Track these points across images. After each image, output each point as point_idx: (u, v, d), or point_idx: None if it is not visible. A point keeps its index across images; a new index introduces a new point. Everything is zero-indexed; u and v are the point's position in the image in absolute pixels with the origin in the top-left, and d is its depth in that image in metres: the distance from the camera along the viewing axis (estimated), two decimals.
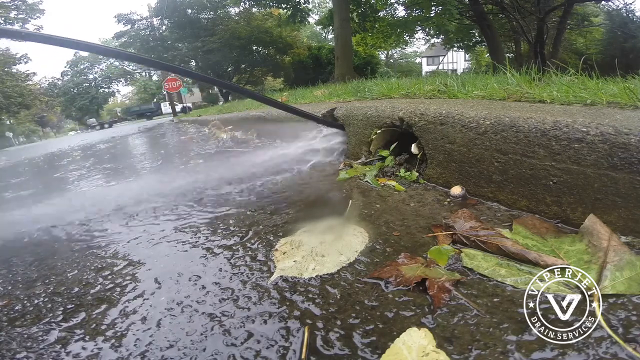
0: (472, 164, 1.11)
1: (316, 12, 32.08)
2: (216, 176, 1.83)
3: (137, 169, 2.74)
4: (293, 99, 4.10)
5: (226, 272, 0.85)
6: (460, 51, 25.49)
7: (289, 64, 19.80)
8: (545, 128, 0.89)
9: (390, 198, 1.23)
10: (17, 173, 3.88)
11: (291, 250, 0.91)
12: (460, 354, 0.53)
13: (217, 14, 19.38)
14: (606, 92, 1.14)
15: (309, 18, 14.70)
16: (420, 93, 2.01)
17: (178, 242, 1.06)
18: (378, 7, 14.42)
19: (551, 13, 11.64)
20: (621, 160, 0.76)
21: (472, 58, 26.50)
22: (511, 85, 1.58)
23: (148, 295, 0.79)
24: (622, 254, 0.68)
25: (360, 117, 1.75)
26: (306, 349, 0.57)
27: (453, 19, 14.55)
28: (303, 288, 0.74)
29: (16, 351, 0.66)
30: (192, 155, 2.89)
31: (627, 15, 16.87)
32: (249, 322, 0.66)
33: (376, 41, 16.94)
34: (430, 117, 1.27)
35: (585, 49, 17.52)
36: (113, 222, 1.35)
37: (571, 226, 0.86)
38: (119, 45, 21.17)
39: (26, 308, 0.80)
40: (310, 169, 1.81)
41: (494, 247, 0.77)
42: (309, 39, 32.20)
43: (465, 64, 32.54)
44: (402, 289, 0.69)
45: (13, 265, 1.07)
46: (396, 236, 0.92)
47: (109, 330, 0.68)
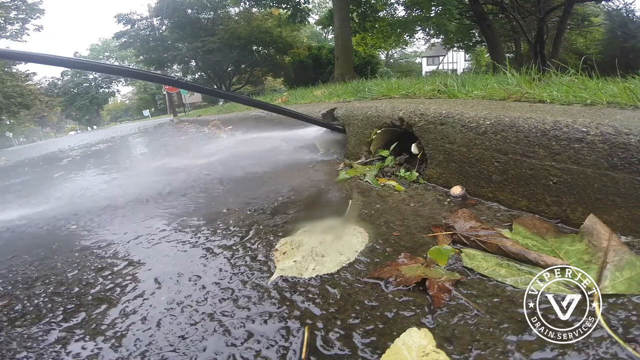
0: (472, 164, 1.11)
1: (316, 12, 32.12)
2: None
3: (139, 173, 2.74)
4: (293, 99, 4.10)
5: (226, 272, 0.85)
6: (460, 51, 25.49)
7: (289, 64, 19.79)
8: (545, 128, 0.89)
9: (390, 198, 1.23)
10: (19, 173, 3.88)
11: (291, 250, 0.91)
12: (460, 354, 0.53)
13: (217, 14, 19.36)
14: (606, 92, 1.14)
15: (309, 18, 14.68)
16: (420, 93, 2.01)
17: (178, 242, 1.06)
18: (378, 7, 14.42)
19: (551, 13, 11.65)
20: (621, 160, 0.76)
21: (472, 58, 26.51)
22: (511, 85, 1.58)
23: (148, 295, 0.79)
24: (622, 254, 0.68)
25: (360, 117, 1.75)
26: (306, 349, 0.57)
27: (453, 19, 14.55)
28: (303, 288, 0.74)
29: (16, 351, 0.66)
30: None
31: (627, 15, 16.87)
32: (249, 322, 0.66)
33: (376, 41, 16.94)
34: (430, 117, 1.27)
35: (585, 49, 17.53)
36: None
37: (571, 226, 0.86)
38: (119, 45, 21.17)
39: (26, 308, 0.80)
40: (310, 170, 1.81)
41: (494, 247, 0.77)
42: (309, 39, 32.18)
43: (465, 64, 32.53)
44: (402, 289, 0.69)
45: (13, 265, 1.07)
46: (396, 236, 0.92)
47: (109, 330, 0.68)
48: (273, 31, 18.63)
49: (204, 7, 18.97)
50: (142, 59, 19.55)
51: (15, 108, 25.81)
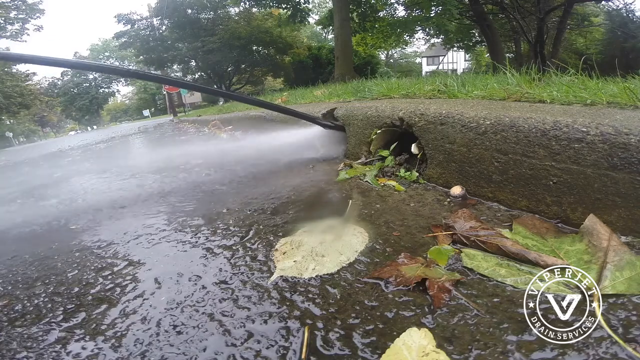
0: (472, 164, 1.11)
1: (316, 12, 32.11)
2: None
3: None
4: (293, 99, 4.10)
5: (226, 272, 0.85)
6: (460, 51, 25.49)
7: (289, 64, 19.80)
8: (545, 128, 0.89)
9: (390, 198, 1.23)
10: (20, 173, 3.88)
11: (291, 250, 0.91)
12: (460, 354, 0.53)
13: (217, 14, 19.37)
14: (606, 92, 1.14)
15: (309, 18, 14.70)
16: (420, 93, 2.01)
17: (178, 242, 1.06)
18: (378, 7, 14.43)
19: (551, 13, 11.65)
20: (621, 160, 0.76)
21: (472, 58, 26.51)
22: (511, 85, 1.58)
23: (148, 295, 0.79)
24: (622, 254, 0.68)
25: (360, 117, 1.75)
26: (306, 349, 0.57)
27: (453, 19, 14.56)
28: (303, 288, 0.74)
29: (16, 351, 0.66)
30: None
31: (627, 15, 16.87)
32: (249, 322, 0.66)
33: (376, 41, 16.96)
34: (430, 117, 1.27)
35: (585, 49, 17.53)
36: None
37: (571, 226, 0.86)
38: (119, 45, 21.18)
39: (26, 308, 0.80)
40: (310, 170, 1.81)
41: (494, 247, 0.77)
42: (309, 39, 32.18)
43: (465, 64, 32.54)
44: (402, 289, 0.69)
45: (13, 265, 1.07)
46: (396, 236, 0.92)
47: (109, 330, 0.68)
48: (273, 31, 18.64)
49: (204, 7, 18.97)
50: (142, 59, 19.56)
51: (15, 108, 25.80)
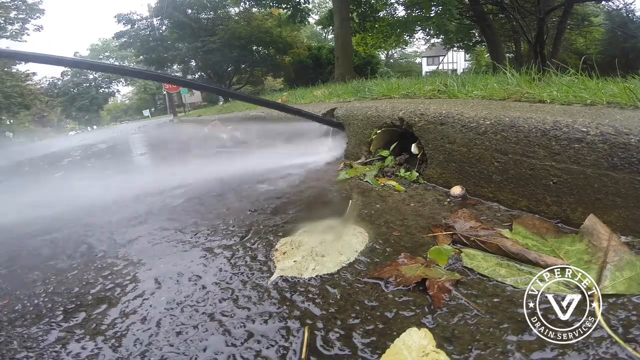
0: (472, 164, 1.11)
1: (316, 12, 32.08)
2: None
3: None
4: (293, 99, 4.10)
5: (226, 272, 0.85)
6: (460, 51, 25.48)
7: (289, 64, 19.78)
8: (545, 128, 0.89)
9: (390, 198, 1.23)
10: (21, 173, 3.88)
11: (291, 250, 0.91)
12: (460, 354, 0.53)
13: (217, 14, 19.36)
14: (606, 92, 1.14)
15: (309, 18, 14.69)
16: (420, 93, 2.01)
17: (178, 242, 1.06)
18: (378, 7, 14.41)
19: (551, 13, 11.64)
20: (621, 160, 0.76)
21: (472, 58, 26.50)
22: (511, 85, 1.58)
23: (148, 295, 0.79)
24: (622, 254, 0.68)
25: (360, 117, 1.75)
26: (306, 349, 0.57)
27: (453, 19, 14.54)
28: (303, 288, 0.74)
29: (16, 351, 0.66)
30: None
31: (627, 15, 16.86)
32: (249, 322, 0.66)
33: (376, 41, 16.93)
34: (430, 117, 1.27)
35: (585, 49, 17.52)
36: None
37: (571, 226, 0.86)
38: (119, 45, 21.17)
39: (26, 308, 0.80)
40: (310, 170, 1.81)
41: (494, 247, 0.77)
42: (309, 39, 32.17)
43: (465, 64, 32.52)
44: (402, 289, 0.69)
45: (13, 265, 1.06)
46: (396, 236, 0.92)
47: (109, 330, 0.68)
48: (273, 31, 18.62)
49: (204, 7, 18.96)
50: (142, 59, 19.54)
51: (15, 108, 25.79)
